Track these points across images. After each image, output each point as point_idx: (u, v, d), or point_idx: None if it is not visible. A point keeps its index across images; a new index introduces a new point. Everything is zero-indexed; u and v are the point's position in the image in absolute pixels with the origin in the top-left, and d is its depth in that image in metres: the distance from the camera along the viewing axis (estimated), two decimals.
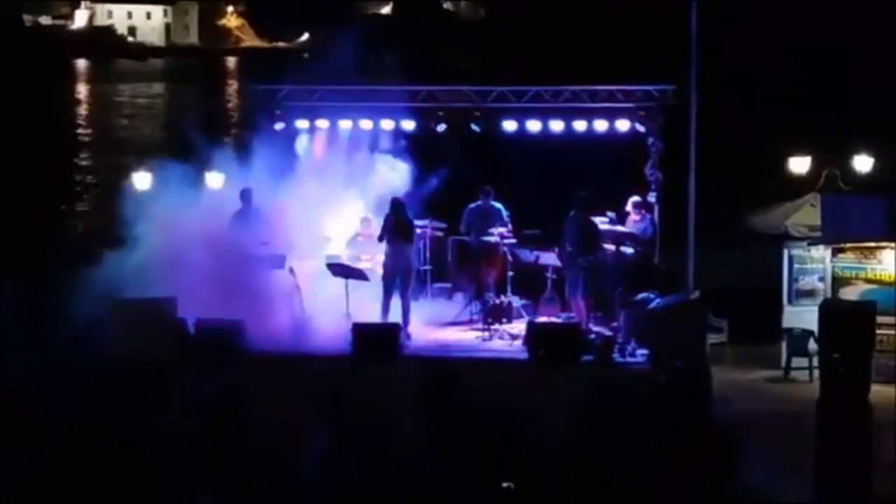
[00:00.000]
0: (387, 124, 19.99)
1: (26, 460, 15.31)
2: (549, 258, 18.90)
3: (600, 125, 19.31)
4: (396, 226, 18.25)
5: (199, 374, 16.46)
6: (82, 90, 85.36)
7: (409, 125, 19.95)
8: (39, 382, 16.82)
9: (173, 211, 18.54)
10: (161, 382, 16.46)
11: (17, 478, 15.18)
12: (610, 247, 18.57)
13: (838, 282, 20.08)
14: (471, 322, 19.20)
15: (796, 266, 20.36)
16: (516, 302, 19.27)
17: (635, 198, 19.17)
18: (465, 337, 18.65)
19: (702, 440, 15.50)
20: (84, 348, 17.44)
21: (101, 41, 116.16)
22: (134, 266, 17.65)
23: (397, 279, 18.19)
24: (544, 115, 19.50)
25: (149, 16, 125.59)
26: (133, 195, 19.44)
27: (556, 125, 19.43)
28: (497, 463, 15.09)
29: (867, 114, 34.39)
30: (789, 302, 20.32)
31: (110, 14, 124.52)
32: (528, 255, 19.22)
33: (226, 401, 16.18)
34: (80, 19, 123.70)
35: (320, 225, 19.42)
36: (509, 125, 19.60)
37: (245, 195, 18.82)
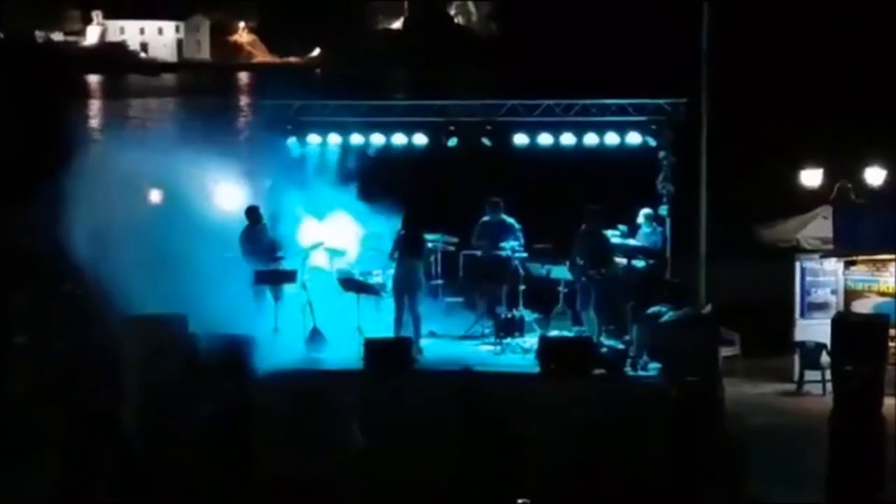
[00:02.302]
0: (398, 138, 20.04)
1: (33, 475, 15.38)
2: (561, 272, 18.90)
3: (611, 139, 19.33)
4: (407, 241, 18.27)
5: (210, 389, 16.48)
6: (93, 105, 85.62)
7: (420, 139, 19.99)
8: (48, 397, 16.85)
9: (183, 226, 18.60)
10: (171, 397, 16.49)
11: (25, 492, 15.25)
12: (621, 260, 18.55)
13: (850, 294, 20.11)
14: (483, 336, 19.22)
15: (808, 279, 20.41)
16: (528, 316, 19.28)
17: (647, 211, 19.18)
18: (477, 351, 18.64)
19: (714, 454, 15.50)
20: (95, 365, 17.49)
21: (113, 57, 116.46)
22: (144, 282, 17.68)
23: (407, 294, 18.19)
24: (555, 128, 19.54)
25: (161, 31, 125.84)
26: (144, 210, 19.53)
27: (568, 139, 19.46)
28: (510, 478, 15.10)
29: (879, 126, 34.34)
30: (801, 315, 20.36)
31: (122, 30, 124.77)
32: (539, 269, 19.23)
33: (236, 416, 16.23)
34: (91, 35, 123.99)
35: (330, 239, 19.45)
36: (520, 139, 19.63)
37: (251, 213, 18.82)
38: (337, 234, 19.54)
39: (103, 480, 15.74)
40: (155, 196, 19.89)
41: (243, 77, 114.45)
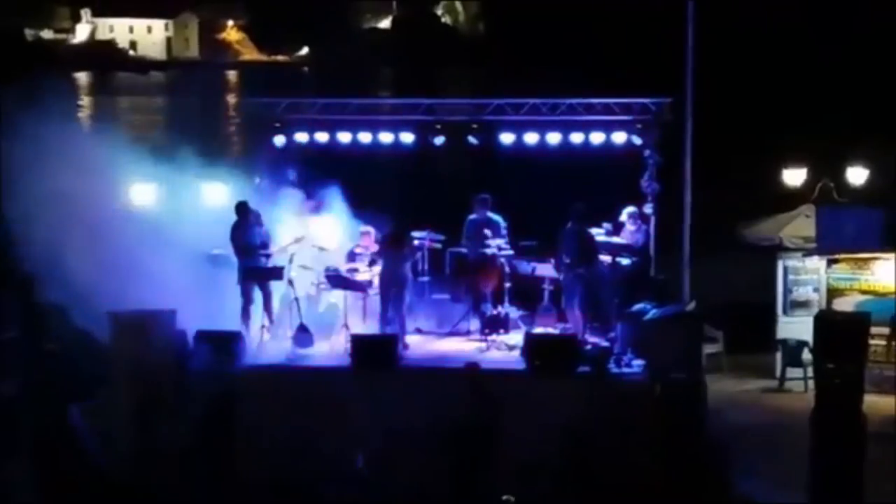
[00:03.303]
0: (385, 137, 20.11)
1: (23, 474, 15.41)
2: (547, 269, 18.92)
3: (597, 137, 19.39)
4: (391, 238, 18.37)
5: (198, 386, 16.52)
6: (81, 102, 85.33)
7: (407, 138, 20.05)
8: (38, 396, 16.86)
9: (171, 223, 18.64)
10: (158, 393, 16.53)
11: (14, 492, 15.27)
12: (606, 258, 18.61)
13: (833, 293, 20.22)
14: (468, 333, 19.26)
15: (791, 277, 20.53)
16: (513, 313, 19.30)
17: (631, 209, 19.24)
18: (463, 348, 18.65)
19: (697, 450, 15.60)
20: (83, 361, 17.51)
21: (103, 55, 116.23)
22: (132, 279, 17.71)
23: (393, 290, 18.27)
24: (541, 127, 19.59)
25: (150, 30, 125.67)
26: (131, 208, 19.56)
27: (553, 137, 19.52)
28: (494, 474, 15.18)
29: (861, 126, 34.50)
30: (784, 312, 20.48)
31: (111, 28, 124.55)
32: (525, 267, 19.24)
33: (224, 413, 16.30)
34: (81, 33, 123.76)
35: (318, 237, 19.48)
36: (507, 138, 19.68)
37: (240, 209, 18.81)
38: (323, 232, 19.57)
39: (90, 479, 15.81)
40: (142, 192, 19.89)
41: (232, 75, 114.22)
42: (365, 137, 20.13)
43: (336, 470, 15.82)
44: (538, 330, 18.57)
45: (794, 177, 21.28)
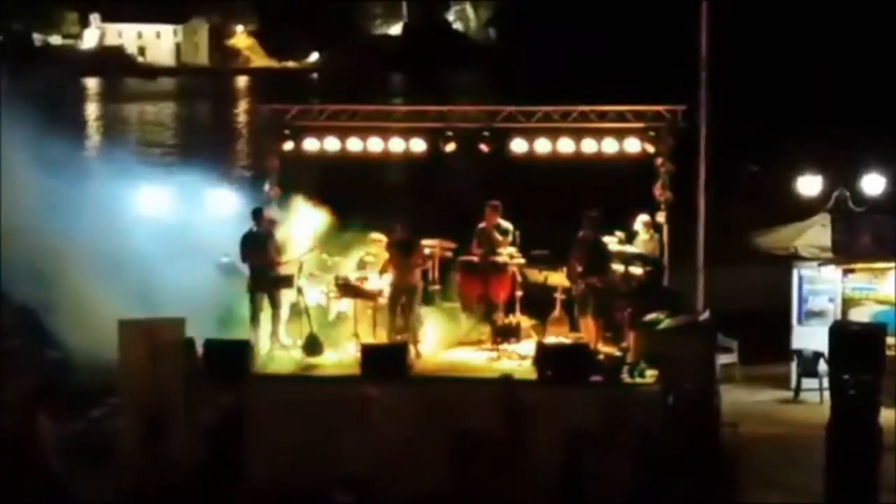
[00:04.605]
0: (396, 144, 19.99)
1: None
2: (558, 278, 18.85)
3: (609, 145, 19.26)
4: (401, 246, 18.27)
5: (207, 395, 16.43)
6: (89, 108, 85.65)
7: (418, 145, 19.94)
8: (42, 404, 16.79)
9: (179, 230, 18.57)
10: (167, 402, 16.44)
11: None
12: (619, 267, 18.51)
13: (848, 302, 20.11)
14: (479, 342, 19.15)
15: (806, 287, 20.42)
16: (525, 322, 19.21)
17: (644, 217, 19.15)
18: (474, 357, 18.57)
19: (711, 462, 15.48)
20: (91, 369, 17.47)
21: (111, 60, 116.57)
22: (143, 287, 17.66)
23: (403, 298, 18.15)
24: (553, 135, 19.47)
25: (158, 35, 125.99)
26: (140, 215, 19.51)
27: (565, 145, 19.39)
28: (505, 485, 15.09)
29: (877, 134, 34.45)
30: (799, 323, 20.37)
31: (120, 34, 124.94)
32: (536, 275, 19.17)
33: (233, 422, 16.19)
34: (89, 39, 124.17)
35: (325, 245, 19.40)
36: (518, 145, 19.57)
37: (257, 215, 18.70)
38: (332, 239, 19.50)
39: (97, 487, 15.73)
40: (149, 199, 19.83)
41: (241, 81, 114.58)
42: (375, 145, 20.01)
43: (346, 479, 15.71)
44: (550, 339, 18.46)
45: (809, 185, 21.16)
